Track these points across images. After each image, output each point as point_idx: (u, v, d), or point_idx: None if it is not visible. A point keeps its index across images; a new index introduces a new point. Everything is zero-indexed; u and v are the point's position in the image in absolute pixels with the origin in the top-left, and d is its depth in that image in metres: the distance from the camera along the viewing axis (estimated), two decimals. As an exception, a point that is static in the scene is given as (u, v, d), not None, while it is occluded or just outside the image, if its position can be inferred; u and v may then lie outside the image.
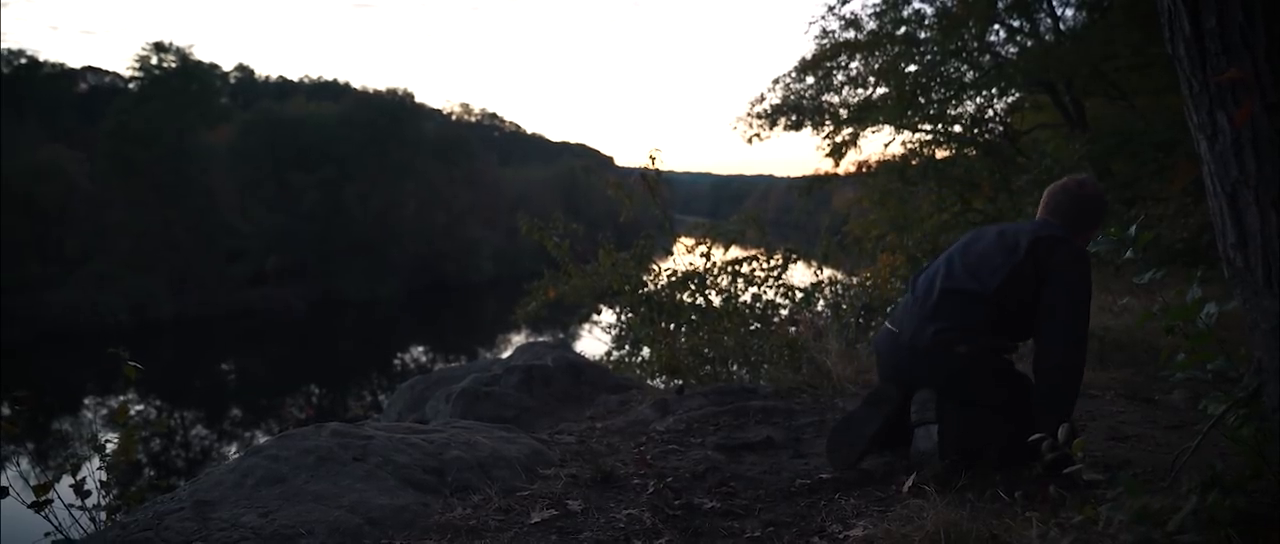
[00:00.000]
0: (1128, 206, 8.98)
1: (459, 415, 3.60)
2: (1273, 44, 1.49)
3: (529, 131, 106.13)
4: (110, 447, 3.25)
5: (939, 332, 2.62)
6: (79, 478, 2.93)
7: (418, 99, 54.78)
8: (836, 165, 17.10)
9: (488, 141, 73.01)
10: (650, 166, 7.73)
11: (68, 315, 31.26)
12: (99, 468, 3.08)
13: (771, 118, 16.96)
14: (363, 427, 2.85)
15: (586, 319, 8.74)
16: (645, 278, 7.52)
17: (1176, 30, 1.63)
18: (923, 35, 15.10)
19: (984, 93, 15.37)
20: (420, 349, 34.99)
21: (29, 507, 2.81)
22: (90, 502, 2.91)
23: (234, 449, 20.39)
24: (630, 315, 7.50)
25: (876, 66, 15.59)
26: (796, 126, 16.84)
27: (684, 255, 7.82)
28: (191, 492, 2.35)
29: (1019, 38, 15.33)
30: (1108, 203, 2.66)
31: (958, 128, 15.79)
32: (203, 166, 39.92)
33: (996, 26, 15.20)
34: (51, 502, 2.82)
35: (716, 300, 7.37)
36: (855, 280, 8.93)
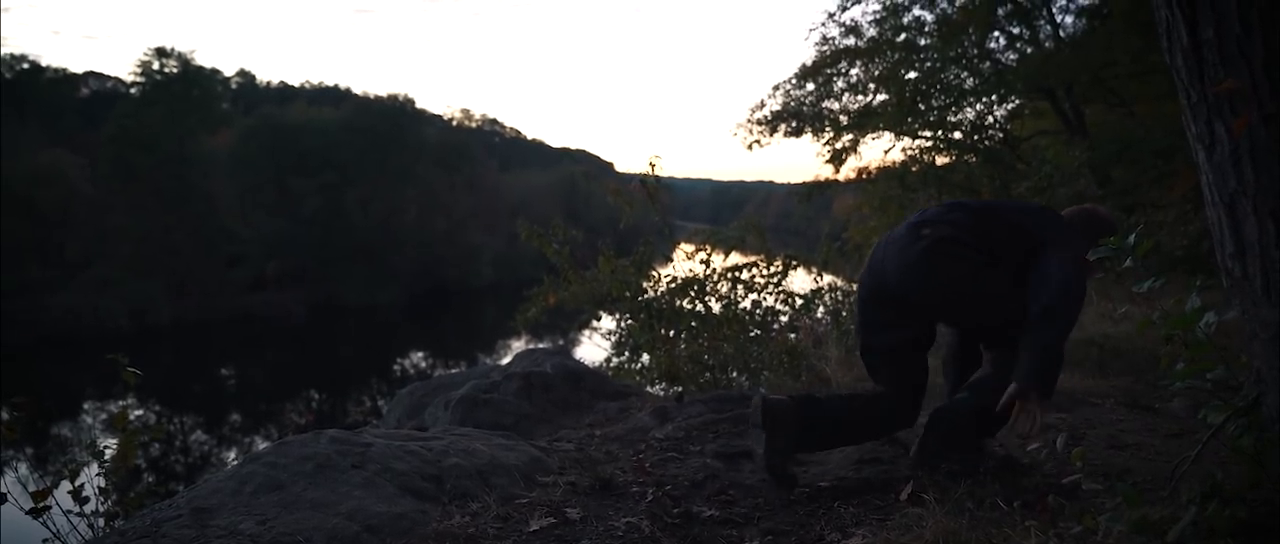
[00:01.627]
0: (1128, 214, 8.97)
1: (458, 422, 3.60)
2: (1270, 55, 1.49)
3: (530, 137, 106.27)
4: (109, 452, 3.24)
5: (914, 225, 2.73)
6: (78, 484, 2.93)
7: (418, 105, 54.85)
8: (837, 172, 17.13)
9: (488, 147, 73.04)
10: (650, 173, 7.73)
11: (68, 320, 31.26)
12: (98, 474, 3.07)
13: (772, 124, 16.98)
14: (361, 434, 2.85)
15: (586, 325, 8.75)
16: (645, 284, 7.51)
17: (1174, 40, 1.64)
18: (923, 42, 15.13)
19: (984, 99, 15.39)
20: (420, 354, 34.99)
21: (27, 513, 2.81)
22: (89, 508, 2.90)
23: (234, 455, 20.39)
24: (630, 322, 7.50)
25: (877, 73, 15.61)
26: (797, 133, 16.86)
27: (684, 262, 7.82)
28: (190, 499, 2.34)
29: (1019, 45, 15.37)
30: (1116, 230, 2.70)
31: (958, 134, 15.81)
32: (204, 172, 39.97)
33: (996, 33, 15.24)
34: (50, 508, 2.81)
35: (716, 307, 7.37)
36: (855, 287, 8.91)
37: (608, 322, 8.34)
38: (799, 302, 7.64)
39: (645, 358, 7.29)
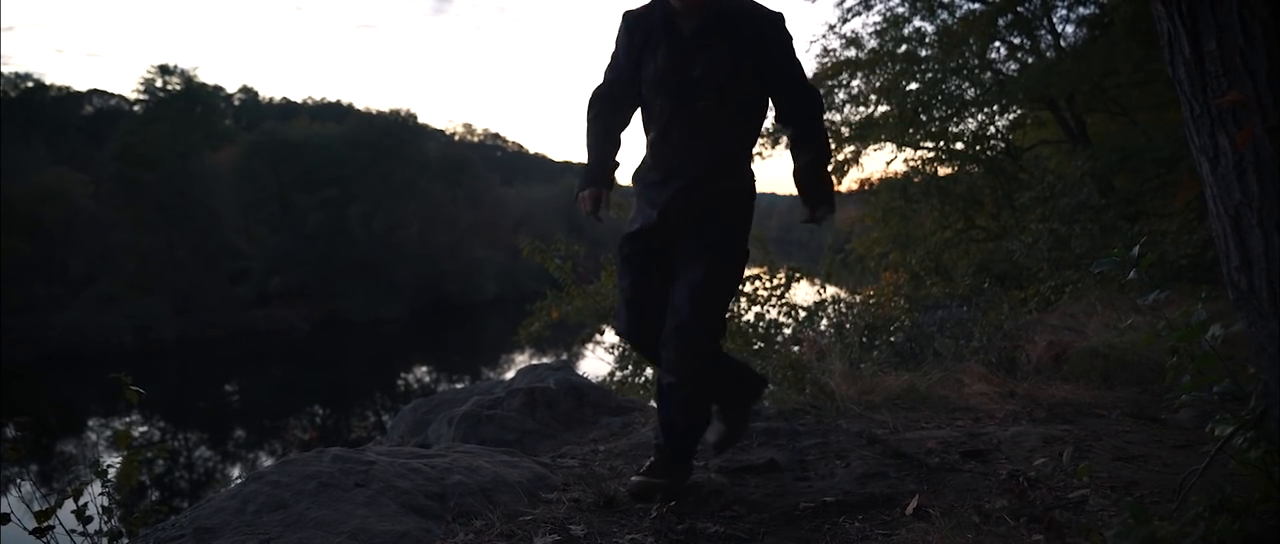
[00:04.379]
0: (1131, 223, 8.97)
1: (461, 439, 3.59)
2: (1273, 66, 1.49)
3: (532, 151, 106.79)
4: (112, 471, 3.23)
5: None
6: (81, 503, 2.92)
7: (420, 119, 55.08)
8: (839, 183, 17.11)
9: (490, 161, 73.17)
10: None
11: (71, 337, 31.28)
12: (101, 493, 3.06)
13: (774, 136, 16.94)
14: (364, 451, 2.84)
15: (589, 339, 8.73)
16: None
17: (1176, 53, 1.63)
18: (924, 53, 15.13)
19: (985, 110, 15.38)
20: (424, 369, 34.97)
21: (30, 533, 2.80)
22: (92, 527, 2.89)
23: (238, 471, 20.36)
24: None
25: (878, 84, 15.61)
26: (799, 144, 16.83)
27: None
28: (192, 519, 2.34)
29: (1020, 55, 15.36)
30: None
31: (959, 145, 15.80)
32: (207, 188, 40.11)
33: (997, 44, 15.24)
34: (53, 528, 2.81)
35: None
36: (859, 299, 8.92)
37: (611, 336, 8.33)
38: (802, 314, 7.63)
39: (649, 372, 7.27)
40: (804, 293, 8.40)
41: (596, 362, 8.79)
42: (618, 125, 2.75)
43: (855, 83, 16.00)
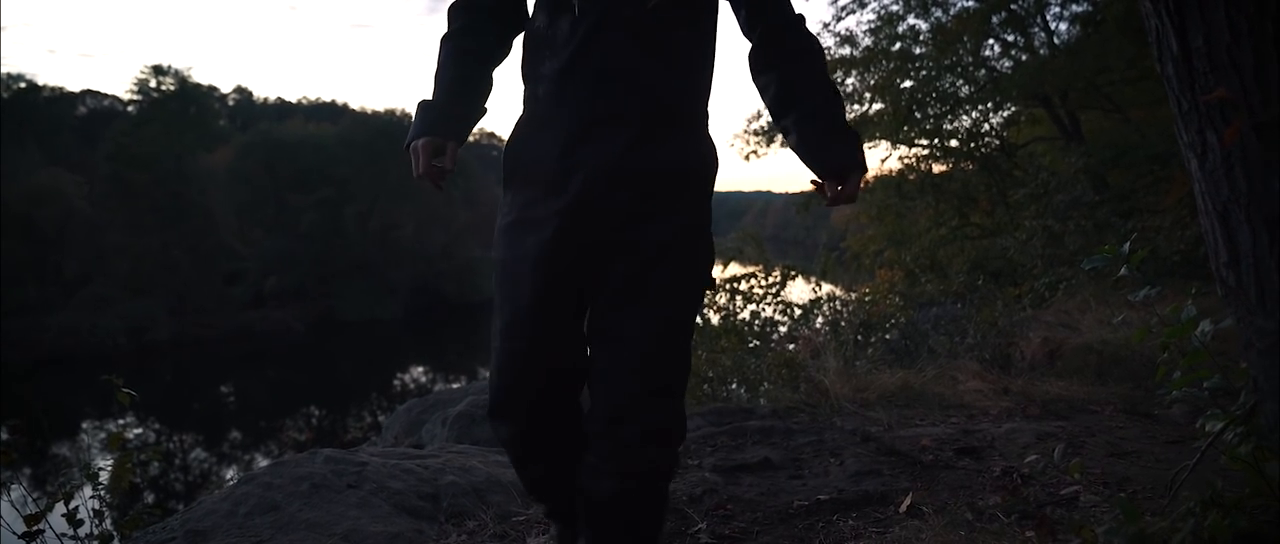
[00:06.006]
0: (1124, 219, 9.00)
1: (455, 439, 3.59)
2: (1259, 63, 1.49)
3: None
4: (104, 474, 3.21)
5: None
6: (72, 506, 2.91)
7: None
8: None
9: (486, 160, 72.87)
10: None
11: (66, 339, 31.17)
12: (92, 496, 3.05)
13: (769, 134, 16.98)
14: (357, 453, 2.84)
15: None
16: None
17: (1164, 50, 1.64)
18: (918, 51, 15.15)
19: (979, 107, 15.42)
20: (420, 369, 34.92)
21: (20, 537, 2.78)
22: (83, 531, 2.88)
23: (233, 473, 20.33)
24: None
25: (872, 82, 15.63)
26: (795, 143, 16.83)
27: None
28: (184, 521, 2.33)
29: (1014, 52, 15.38)
30: None
31: (954, 142, 15.83)
32: (201, 188, 40.00)
33: (991, 41, 15.26)
34: (43, 532, 2.79)
35: (714, 318, 7.36)
36: (854, 296, 8.94)
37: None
38: (797, 312, 7.63)
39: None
40: (799, 291, 8.41)
41: (592, 361, 8.78)
42: (489, 53, 1.70)
43: (850, 81, 16.02)
